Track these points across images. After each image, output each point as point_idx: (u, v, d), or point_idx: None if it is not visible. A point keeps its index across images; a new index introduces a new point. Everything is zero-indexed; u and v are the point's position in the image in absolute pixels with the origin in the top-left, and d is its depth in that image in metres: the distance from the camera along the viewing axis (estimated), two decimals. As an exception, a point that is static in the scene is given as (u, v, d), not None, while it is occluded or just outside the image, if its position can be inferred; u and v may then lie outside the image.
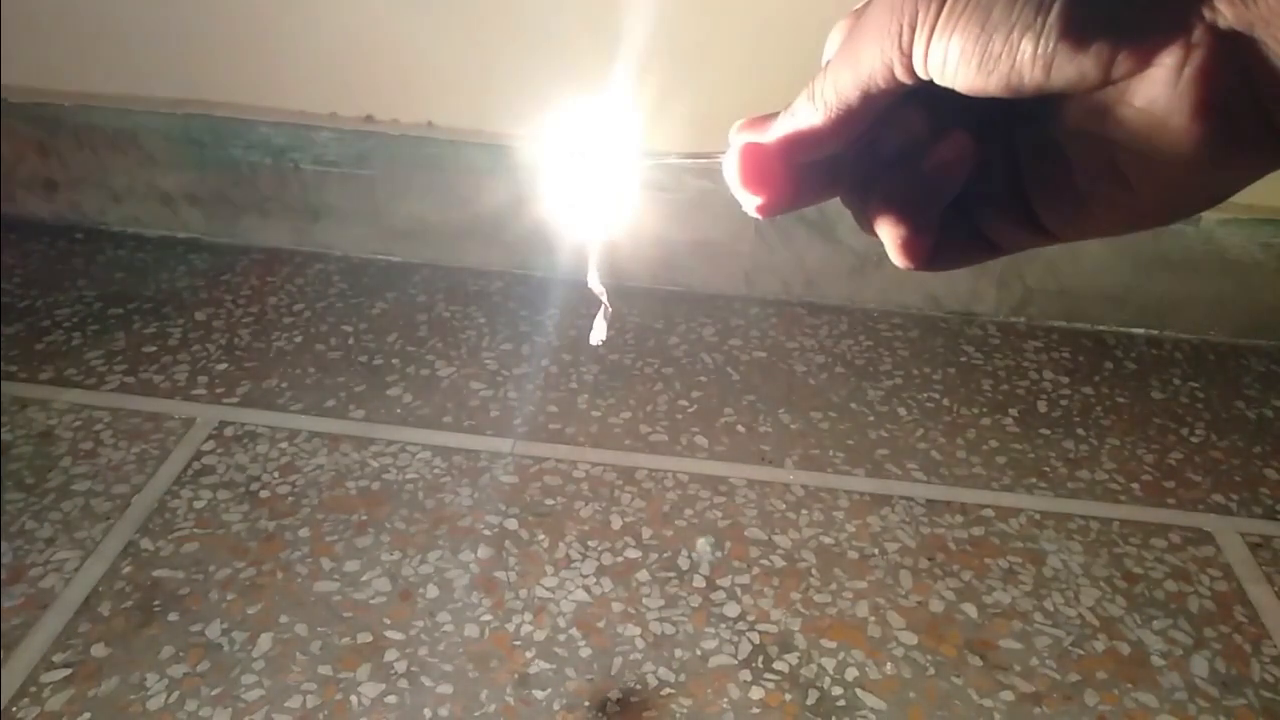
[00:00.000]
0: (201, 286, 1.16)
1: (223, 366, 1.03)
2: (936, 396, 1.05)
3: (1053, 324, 1.18)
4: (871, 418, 1.01)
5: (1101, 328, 1.18)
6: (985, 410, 1.03)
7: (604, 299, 0.32)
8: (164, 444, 0.92)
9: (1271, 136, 0.21)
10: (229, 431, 0.94)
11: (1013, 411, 1.03)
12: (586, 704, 0.71)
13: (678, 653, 0.75)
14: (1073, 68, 0.21)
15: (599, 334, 0.33)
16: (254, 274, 1.19)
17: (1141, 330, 1.18)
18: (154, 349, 1.05)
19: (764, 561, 0.84)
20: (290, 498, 0.87)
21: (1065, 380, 1.09)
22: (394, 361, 1.06)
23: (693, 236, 1.15)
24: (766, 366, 1.08)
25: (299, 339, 1.08)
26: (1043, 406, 1.05)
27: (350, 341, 1.08)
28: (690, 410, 1.01)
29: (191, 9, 1.11)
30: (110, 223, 1.25)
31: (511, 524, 0.86)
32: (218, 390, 1.00)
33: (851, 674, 0.74)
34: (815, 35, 0.27)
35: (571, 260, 0.33)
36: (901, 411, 1.02)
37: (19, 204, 1.25)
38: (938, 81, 0.23)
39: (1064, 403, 1.05)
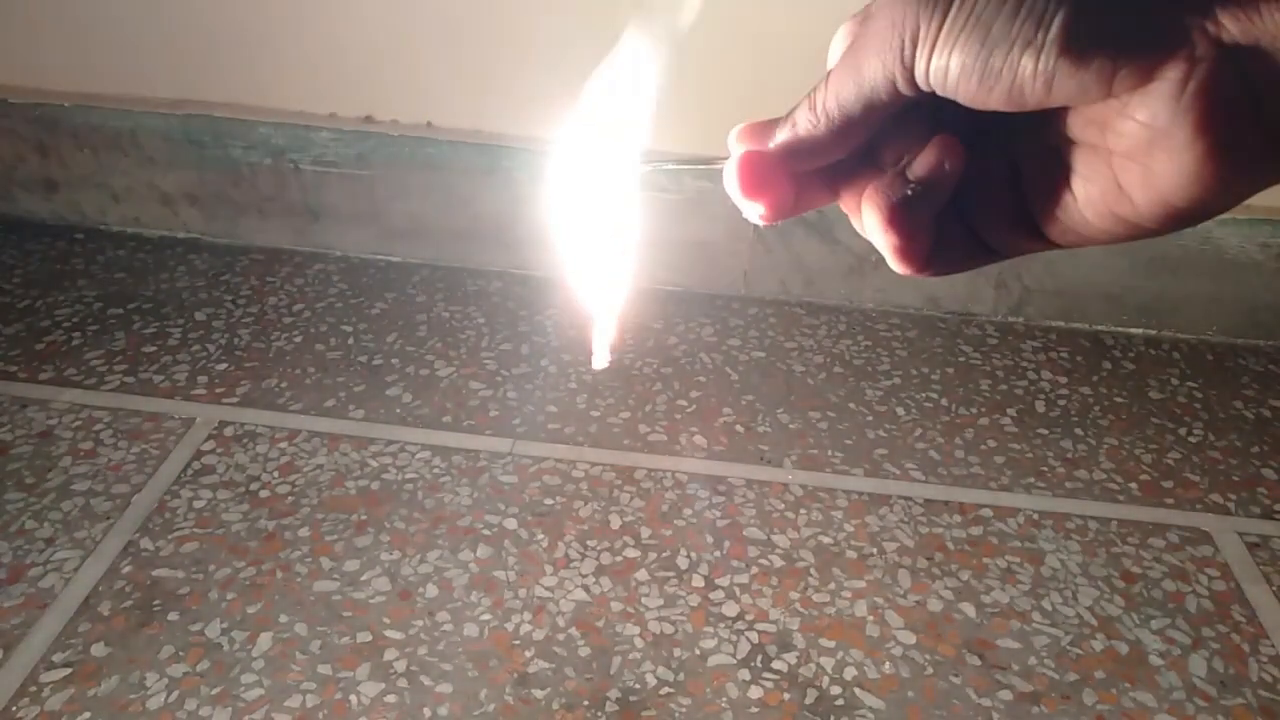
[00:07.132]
0: (201, 286, 1.17)
1: (222, 366, 1.03)
2: (935, 396, 1.05)
3: (1051, 324, 1.19)
4: (870, 417, 1.01)
5: (1099, 328, 1.18)
6: (983, 410, 1.04)
7: (613, 318, 0.30)
8: (164, 444, 0.92)
9: (1274, 150, 0.21)
10: (229, 431, 0.94)
11: (1011, 411, 1.04)
12: (586, 703, 0.71)
13: (676, 652, 0.75)
14: (1073, 83, 0.21)
15: (601, 358, 0.31)
16: (254, 274, 1.19)
17: (1139, 330, 1.18)
18: (154, 349, 1.05)
19: (763, 561, 0.84)
20: (290, 497, 0.87)
21: (1063, 380, 1.09)
22: (393, 361, 1.06)
23: (691, 237, 1.15)
24: (765, 366, 1.09)
25: (299, 339, 1.08)
26: (1041, 406, 1.05)
27: (350, 341, 1.09)
28: (689, 410, 1.01)
29: (191, 9, 1.11)
30: (110, 223, 1.26)
31: (511, 524, 0.86)
32: (217, 390, 1.00)
33: (850, 673, 0.75)
34: (821, 35, 0.27)
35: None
36: (900, 411, 1.03)
37: (19, 204, 1.25)
38: (940, 94, 0.23)
39: (1062, 403, 1.05)
